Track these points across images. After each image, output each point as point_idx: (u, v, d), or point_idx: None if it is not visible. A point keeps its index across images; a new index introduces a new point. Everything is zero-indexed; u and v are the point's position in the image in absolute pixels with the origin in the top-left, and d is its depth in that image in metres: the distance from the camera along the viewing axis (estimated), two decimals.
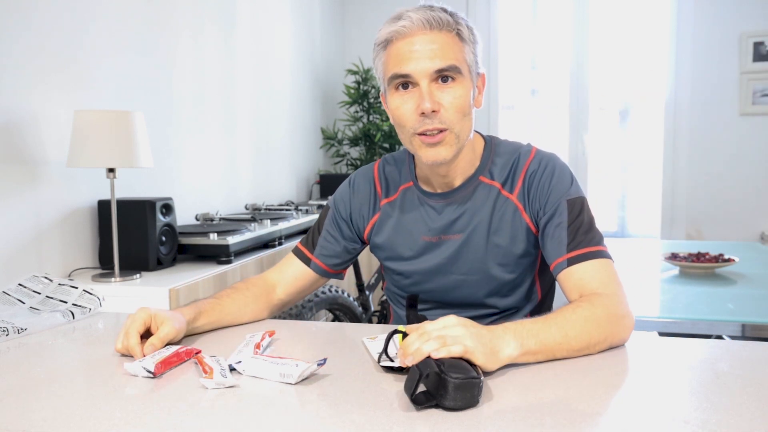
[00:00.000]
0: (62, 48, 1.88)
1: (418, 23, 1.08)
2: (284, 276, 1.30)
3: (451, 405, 0.76)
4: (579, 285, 1.07)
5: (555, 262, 1.12)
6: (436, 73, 1.08)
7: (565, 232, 1.12)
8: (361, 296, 2.69)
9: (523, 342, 0.90)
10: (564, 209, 1.14)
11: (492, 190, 1.20)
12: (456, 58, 1.09)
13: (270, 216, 2.59)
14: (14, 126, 1.73)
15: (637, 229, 4.17)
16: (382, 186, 1.29)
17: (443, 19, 1.09)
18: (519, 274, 1.22)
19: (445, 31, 1.09)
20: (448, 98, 1.09)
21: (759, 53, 3.77)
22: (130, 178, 2.12)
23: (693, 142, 3.93)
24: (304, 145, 3.79)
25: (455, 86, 1.09)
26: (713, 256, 2.35)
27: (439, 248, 1.22)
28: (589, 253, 1.09)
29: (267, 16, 3.26)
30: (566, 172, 1.19)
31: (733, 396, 0.80)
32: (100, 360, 1.01)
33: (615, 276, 1.08)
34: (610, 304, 1.01)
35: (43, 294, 1.36)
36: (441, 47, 1.08)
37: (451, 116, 1.09)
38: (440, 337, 0.83)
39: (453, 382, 0.75)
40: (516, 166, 1.20)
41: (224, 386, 0.85)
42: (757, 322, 1.74)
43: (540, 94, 4.27)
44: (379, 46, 1.14)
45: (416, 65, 1.07)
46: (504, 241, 1.19)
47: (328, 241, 1.31)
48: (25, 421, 0.76)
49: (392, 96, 1.12)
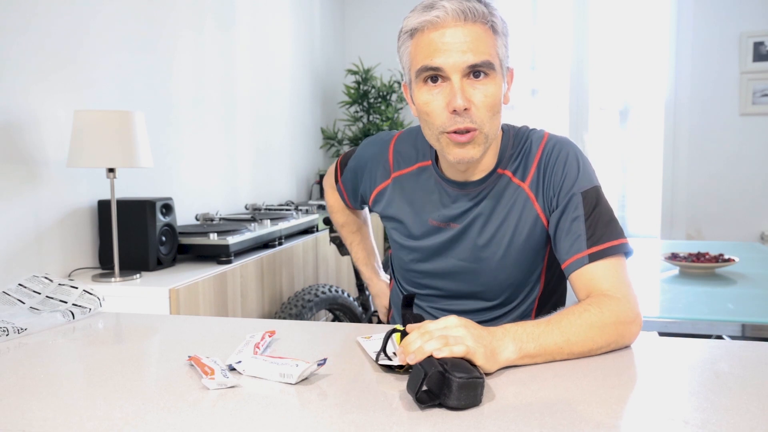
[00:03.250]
0: (62, 48, 1.88)
1: (452, 14, 1.01)
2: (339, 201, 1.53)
3: (454, 404, 0.76)
4: (588, 286, 1.04)
5: (572, 258, 1.06)
6: (468, 68, 1.02)
7: (583, 226, 1.07)
8: (361, 296, 2.69)
9: (522, 346, 0.89)
10: (579, 202, 1.09)
11: (503, 179, 1.17)
12: (489, 53, 1.03)
13: (270, 216, 2.59)
14: (14, 126, 1.73)
15: (637, 229, 4.17)
16: (395, 159, 1.28)
17: (478, 10, 1.03)
18: (521, 264, 1.19)
19: (480, 23, 1.03)
20: (480, 96, 1.03)
21: (759, 53, 3.77)
22: (130, 178, 2.12)
23: (693, 142, 3.93)
24: (304, 145, 3.78)
25: (488, 83, 1.04)
26: (713, 256, 2.35)
27: (444, 232, 1.21)
28: (608, 249, 1.04)
29: (267, 16, 3.26)
30: (578, 159, 1.14)
31: (733, 396, 0.80)
32: (100, 360, 1.01)
33: (626, 277, 1.04)
34: (620, 311, 0.97)
35: (43, 294, 1.36)
36: (474, 40, 1.02)
37: (482, 115, 1.04)
38: (442, 337, 0.83)
39: (457, 381, 0.75)
40: (528, 154, 1.16)
41: (226, 386, 0.85)
42: (757, 322, 1.74)
43: (540, 94, 4.27)
44: (405, 34, 1.08)
45: (448, 58, 1.01)
46: (508, 231, 1.16)
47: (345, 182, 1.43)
48: (25, 421, 0.76)
49: (420, 89, 1.07)
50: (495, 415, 0.75)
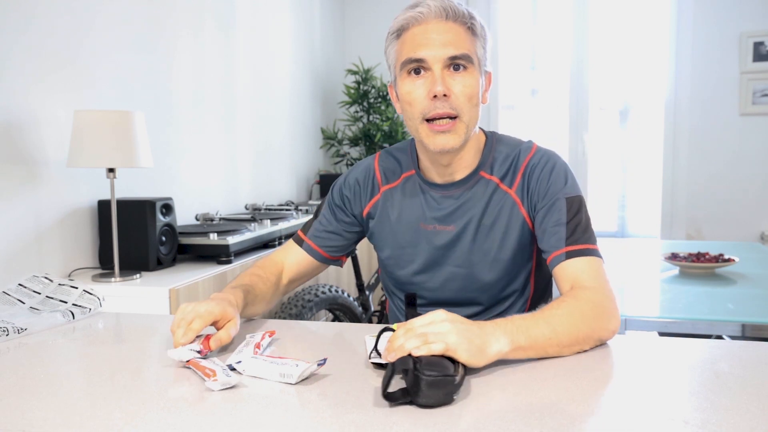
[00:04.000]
0: (62, 48, 1.88)
1: (435, 10, 1.11)
2: (286, 259, 1.34)
3: (424, 402, 0.76)
4: (572, 278, 1.09)
5: (553, 254, 1.13)
6: (449, 59, 1.10)
7: (564, 228, 1.13)
8: (361, 296, 2.69)
9: (513, 338, 0.90)
10: (563, 206, 1.15)
11: (490, 185, 1.21)
12: (468, 49, 1.12)
13: (270, 216, 2.59)
14: (14, 126, 1.73)
15: (637, 229, 4.17)
16: (382, 175, 1.31)
17: (459, 11, 1.12)
18: (511, 268, 1.23)
19: (460, 22, 1.12)
20: (459, 86, 1.11)
21: (759, 53, 3.77)
22: (130, 178, 2.12)
23: (693, 142, 3.93)
24: (304, 145, 3.78)
25: (466, 75, 1.12)
26: (713, 256, 2.35)
27: (435, 237, 1.23)
28: (585, 249, 1.11)
29: (267, 16, 3.26)
30: (565, 170, 1.20)
31: (733, 396, 0.80)
32: (100, 360, 1.01)
33: (605, 274, 1.10)
34: (594, 297, 1.02)
35: (43, 294, 1.36)
36: (455, 36, 1.11)
37: (461, 103, 1.11)
38: (422, 335, 0.84)
39: (425, 379, 0.76)
40: (516, 161, 1.22)
41: (230, 385, 0.85)
42: (757, 322, 1.74)
43: (540, 94, 4.27)
44: (392, 35, 1.16)
45: (430, 50, 1.10)
46: (497, 236, 1.20)
47: (322, 224, 1.35)
48: (25, 421, 0.76)
49: (403, 81, 1.14)
50: (495, 415, 0.75)
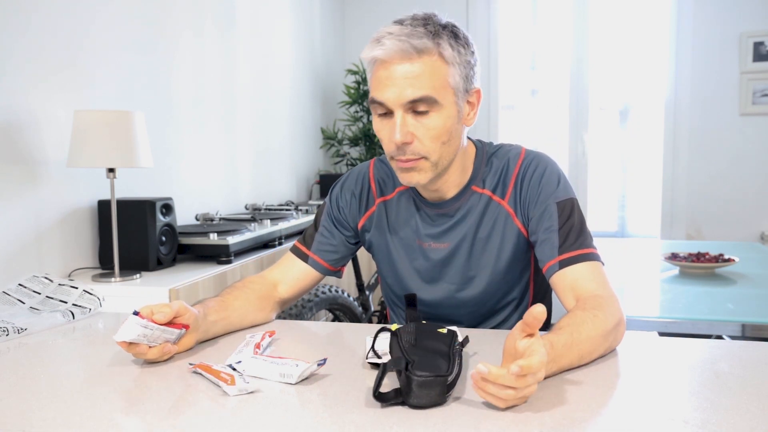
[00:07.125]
0: (62, 48, 1.88)
1: (396, 49, 1.02)
2: (285, 275, 1.29)
3: (415, 403, 0.77)
4: (573, 287, 1.06)
5: (547, 264, 1.11)
6: (409, 103, 1.04)
7: (556, 235, 1.11)
8: (361, 296, 2.69)
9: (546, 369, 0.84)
10: (554, 212, 1.13)
11: (483, 198, 1.19)
12: (433, 86, 1.03)
13: (270, 216, 2.59)
14: (14, 126, 1.73)
15: (637, 229, 4.16)
16: (377, 185, 1.29)
17: (419, 46, 1.02)
18: (509, 279, 1.22)
19: (425, 57, 1.03)
20: (422, 129, 1.06)
21: (759, 53, 3.77)
22: (130, 178, 2.12)
23: (693, 142, 3.93)
24: (304, 145, 3.78)
25: (431, 116, 1.05)
26: (713, 256, 2.35)
27: (431, 253, 1.22)
28: (580, 255, 1.09)
29: (267, 16, 3.26)
30: (555, 173, 1.17)
31: (733, 396, 0.80)
32: (100, 360, 1.01)
33: (604, 277, 1.08)
34: (615, 312, 1.00)
35: (43, 294, 1.36)
36: (417, 76, 1.03)
37: (427, 146, 1.07)
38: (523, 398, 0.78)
39: (416, 380, 0.76)
40: (506, 171, 1.19)
41: (247, 391, 0.83)
42: (757, 322, 1.74)
43: (540, 94, 4.27)
44: (369, 63, 1.10)
45: (390, 94, 1.04)
46: (493, 249, 1.19)
47: (325, 236, 1.30)
48: (25, 421, 0.76)
49: (374, 118, 1.11)
50: (495, 415, 0.75)
